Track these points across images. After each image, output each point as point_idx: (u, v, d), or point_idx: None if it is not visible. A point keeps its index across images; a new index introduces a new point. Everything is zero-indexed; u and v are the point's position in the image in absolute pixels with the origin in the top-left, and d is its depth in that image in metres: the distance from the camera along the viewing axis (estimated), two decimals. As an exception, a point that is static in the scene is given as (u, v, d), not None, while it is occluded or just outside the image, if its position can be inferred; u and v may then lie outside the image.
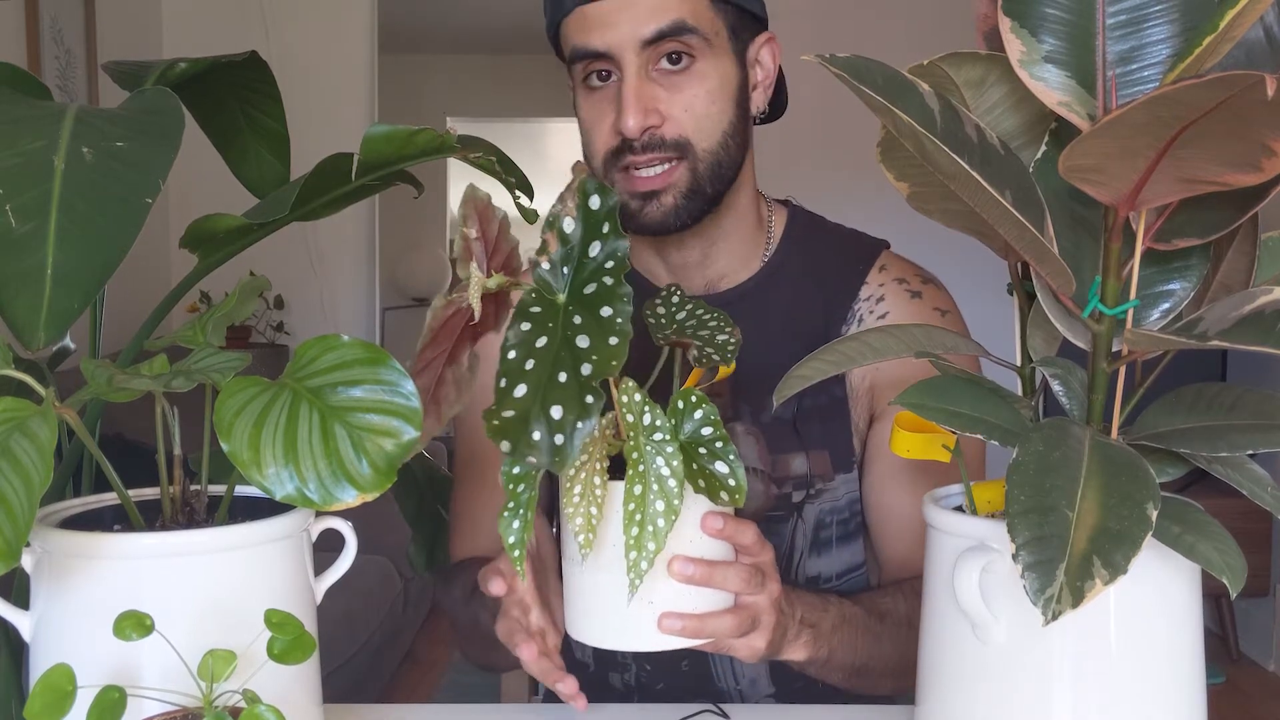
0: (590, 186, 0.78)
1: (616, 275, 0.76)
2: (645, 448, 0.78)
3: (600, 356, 0.73)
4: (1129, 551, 0.62)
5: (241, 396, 0.70)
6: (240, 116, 1.19)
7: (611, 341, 0.73)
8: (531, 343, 0.74)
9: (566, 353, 0.73)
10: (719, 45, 1.10)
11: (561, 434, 0.71)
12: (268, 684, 0.68)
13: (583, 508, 0.77)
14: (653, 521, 0.76)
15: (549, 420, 0.71)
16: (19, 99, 0.89)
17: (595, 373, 0.72)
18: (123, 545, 0.75)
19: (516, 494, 0.77)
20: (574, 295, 0.77)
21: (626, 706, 1.10)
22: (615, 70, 1.09)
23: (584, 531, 0.77)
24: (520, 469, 0.77)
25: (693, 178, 1.10)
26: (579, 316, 0.75)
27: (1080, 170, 0.69)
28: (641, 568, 0.76)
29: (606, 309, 0.75)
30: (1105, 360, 0.76)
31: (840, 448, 1.18)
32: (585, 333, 0.74)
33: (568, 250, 0.78)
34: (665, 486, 0.77)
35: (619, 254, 0.77)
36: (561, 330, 0.75)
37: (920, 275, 1.23)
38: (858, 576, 1.23)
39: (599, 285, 0.76)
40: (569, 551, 0.83)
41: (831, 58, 0.68)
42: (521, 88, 6.56)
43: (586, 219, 0.78)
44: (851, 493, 1.20)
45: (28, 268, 0.72)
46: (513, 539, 0.76)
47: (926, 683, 0.82)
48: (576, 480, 0.78)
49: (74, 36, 3.24)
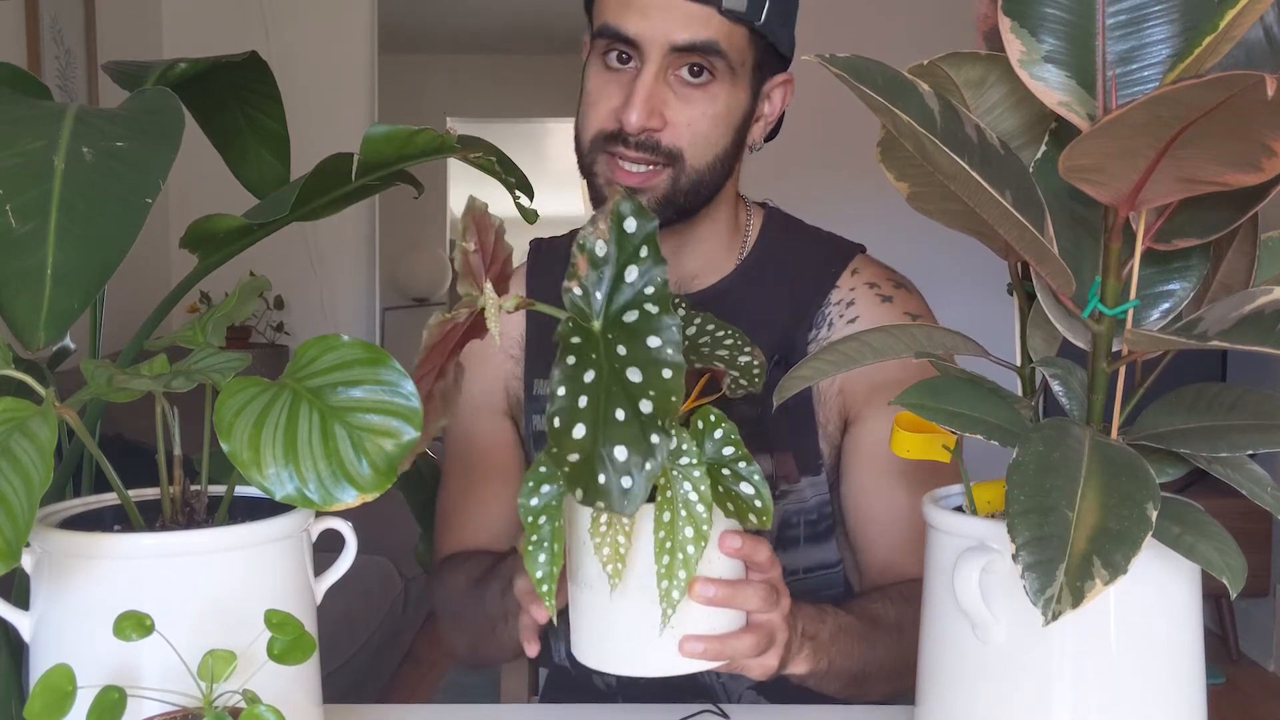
0: (626, 209, 0.76)
1: (660, 302, 0.73)
2: (672, 473, 0.76)
3: (658, 392, 0.70)
4: (1129, 552, 0.62)
5: (241, 397, 0.70)
6: (240, 116, 1.19)
7: (665, 375, 0.71)
8: (579, 378, 0.71)
9: (618, 388, 0.71)
10: (741, 75, 1.11)
11: (629, 476, 0.69)
12: (268, 684, 0.68)
13: (610, 537, 0.75)
14: (683, 549, 0.75)
15: (614, 462, 0.69)
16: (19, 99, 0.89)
17: (657, 411, 0.70)
18: (123, 545, 0.75)
19: (538, 526, 0.75)
20: (612, 323, 0.74)
21: (627, 706, 1.10)
22: (637, 60, 1.09)
23: (612, 561, 0.75)
24: (538, 502, 0.76)
25: (672, 188, 1.11)
26: (623, 347, 0.72)
27: (1080, 170, 0.69)
28: (674, 597, 0.75)
29: (653, 339, 0.72)
30: (1105, 360, 0.76)
31: (806, 451, 1.18)
32: (634, 365, 0.71)
33: (599, 274, 0.75)
34: (694, 512, 0.75)
35: (659, 280, 0.74)
36: (608, 363, 0.72)
37: (893, 280, 1.23)
38: (830, 574, 1.23)
39: (641, 314, 0.73)
40: (583, 577, 0.81)
41: (831, 58, 0.68)
42: (521, 88, 6.55)
43: (621, 243, 0.75)
44: (820, 496, 1.20)
45: (28, 268, 0.72)
46: (540, 573, 0.75)
47: (926, 683, 0.82)
48: (602, 510, 0.75)
49: (74, 36, 3.24)
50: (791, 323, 1.20)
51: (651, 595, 0.77)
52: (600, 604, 0.80)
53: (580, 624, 0.83)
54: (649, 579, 0.77)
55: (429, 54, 6.46)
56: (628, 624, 0.80)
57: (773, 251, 1.23)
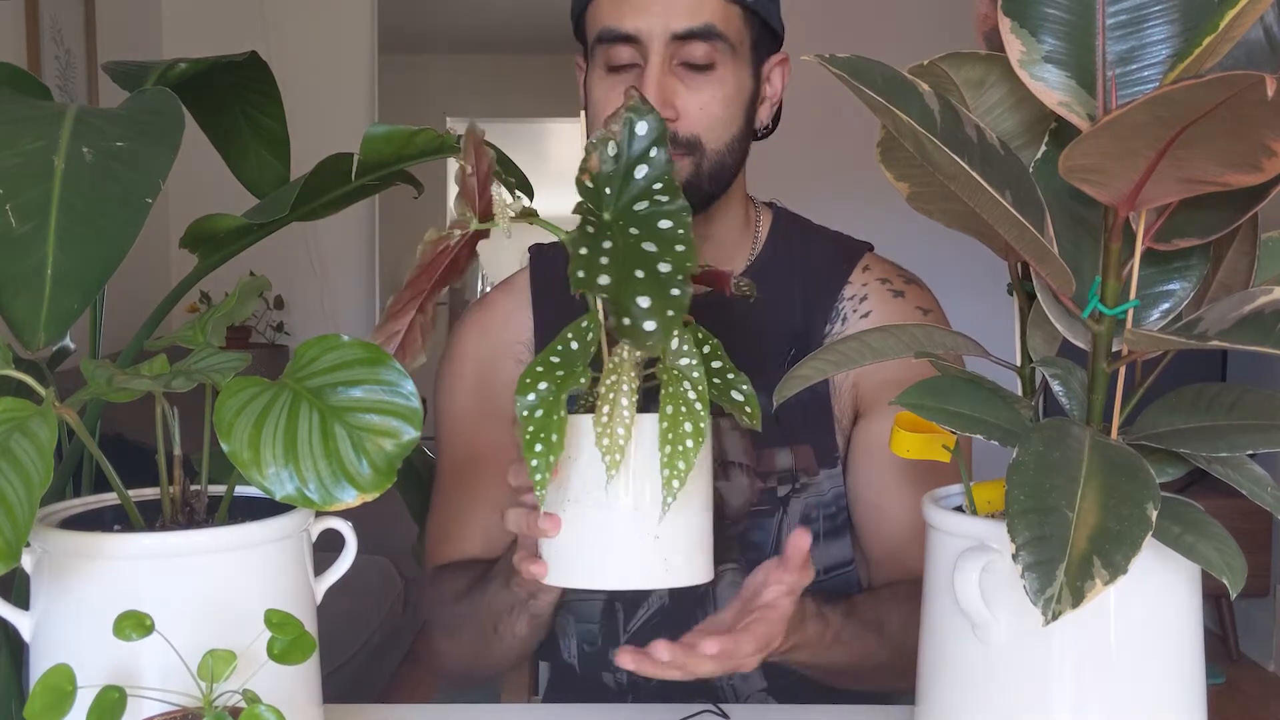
0: (639, 112, 0.79)
1: (669, 191, 0.77)
2: (673, 371, 0.78)
3: (674, 257, 0.74)
4: (1129, 551, 0.62)
5: (241, 396, 0.70)
6: (240, 117, 1.20)
7: (679, 249, 0.75)
8: (598, 244, 0.75)
9: (635, 256, 0.74)
10: (741, 55, 1.13)
11: (652, 321, 0.72)
12: (268, 684, 0.68)
13: (610, 428, 0.77)
14: (682, 441, 0.77)
15: (637, 308, 0.72)
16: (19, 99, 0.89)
17: (675, 269, 0.73)
18: (122, 545, 0.75)
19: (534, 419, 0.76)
20: (623, 213, 0.77)
21: (626, 707, 1.10)
22: (639, 58, 1.10)
23: (610, 453, 0.77)
24: (534, 398, 0.77)
25: (695, 173, 1.12)
26: (635, 229, 0.76)
27: (1080, 170, 0.69)
28: (674, 486, 0.76)
29: (664, 222, 0.76)
30: (1105, 360, 0.76)
31: (823, 443, 1.19)
32: (649, 240, 0.75)
33: (610, 172, 0.79)
34: (693, 409, 0.77)
35: (667, 175, 0.77)
36: (623, 239, 0.76)
37: (903, 275, 1.25)
38: (846, 574, 1.23)
39: (651, 203, 0.77)
40: (570, 490, 0.82)
41: (831, 58, 0.68)
42: (521, 88, 6.56)
43: (631, 143, 0.79)
44: (836, 488, 1.21)
45: (28, 268, 0.72)
46: (536, 461, 0.76)
47: (926, 683, 0.82)
48: (605, 400, 0.78)
49: (74, 36, 3.24)
50: (804, 319, 1.21)
51: (643, 505, 0.79)
52: (590, 516, 0.81)
53: (564, 541, 0.83)
54: (638, 485, 0.79)
55: (429, 54, 6.47)
56: (618, 533, 0.81)
57: (783, 250, 1.24)
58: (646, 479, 0.79)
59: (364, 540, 0.89)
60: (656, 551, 0.81)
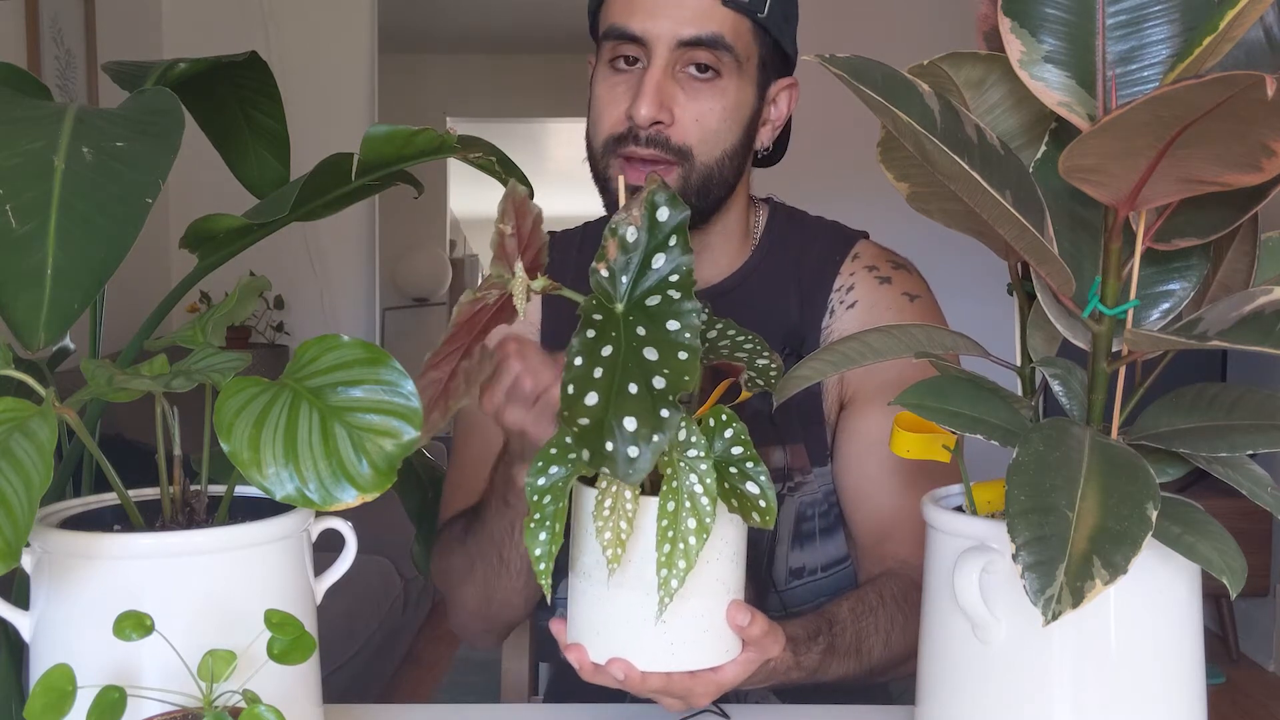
0: (660, 198, 0.77)
1: (683, 289, 0.74)
2: (679, 464, 0.77)
3: (672, 370, 0.71)
4: (1129, 552, 0.63)
5: (241, 396, 0.70)
6: (240, 116, 1.19)
7: (681, 356, 0.72)
8: (597, 351, 0.73)
9: (634, 364, 0.72)
10: (747, 70, 1.13)
11: (636, 447, 0.69)
12: (268, 684, 0.68)
13: (612, 521, 0.76)
14: (684, 539, 0.75)
15: (623, 432, 0.70)
16: (19, 99, 0.89)
17: (669, 388, 0.71)
18: (122, 545, 0.75)
19: (542, 505, 0.76)
20: (635, 306, 0.75)
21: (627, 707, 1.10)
22: (643, 59, 1.10)
23: (613, 546, 0.76)
24: (545, 481, 0.76)
25: (683, 186, 1.12)
26: (642, 328, 0.74)
27: (1080, 170, 0.69)
28: (672, 586, 0.75)
29: (673, 323, 0.73)
30: (1105, 360, 0.76)
31: (815, 441, 1.20)
32: (652, 345, 0.73)
33: (627, 259, 0.76)
34: (698, 504, 0.76)
35: (684, 269, 0.75)
36: (626, 341, 0.73)
37: (892, 261, 1.24)
38: (843, 571, 1.24)
39: (663, 299, 0.74)
40: (582, 566, 0.82)
41: (831, 58, 0.68)
42: (521, 88, 6.55)
43: (652, 229, 0.76)
44: (827, 485, 1.21)
45: (28, 268, 0.72)
46: (539, 550, 0.76)
47: (926, 683, 0.82)
48: (607, 494, 0.77)
49: (74, 36, 3.24)
50: (800, 314, 1.21)
51: (648, 587, 0.77)
52: (597, 593, 0.81)
53: (577, 613, 0.84)
54: (647, 571, 0.77)
55: (429, 54, 6.46)
56: (623, 614, 0.80)
57: (778, 245, 1.24)
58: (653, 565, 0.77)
59: (364, 540, 0.89)
60: (662, 636, 0.80)
